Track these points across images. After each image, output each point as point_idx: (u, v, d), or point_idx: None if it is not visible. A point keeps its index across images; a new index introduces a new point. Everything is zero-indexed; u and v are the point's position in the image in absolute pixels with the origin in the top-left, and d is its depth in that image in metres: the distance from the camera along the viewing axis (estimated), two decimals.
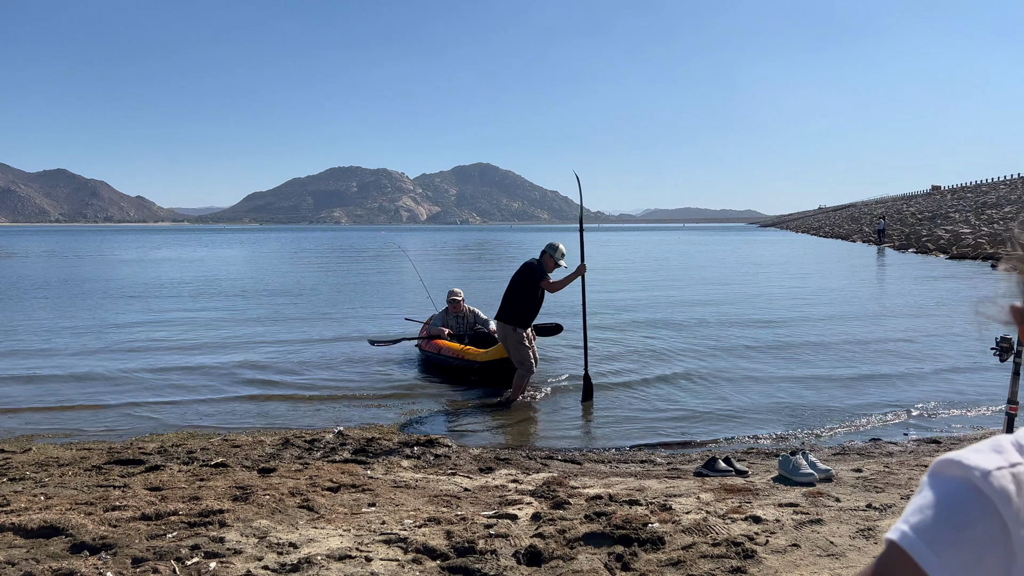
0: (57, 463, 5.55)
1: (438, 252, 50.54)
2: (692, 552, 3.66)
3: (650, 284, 23.39)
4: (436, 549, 3.73)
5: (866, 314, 14.81)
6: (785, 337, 11.97)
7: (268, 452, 5.98)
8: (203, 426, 7.12)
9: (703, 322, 13.94)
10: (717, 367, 9.69)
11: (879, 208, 78.76)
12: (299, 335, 12.75)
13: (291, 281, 25.34)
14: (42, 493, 4.74)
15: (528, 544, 3.78)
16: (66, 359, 10.50)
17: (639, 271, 29.56)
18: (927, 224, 45.86)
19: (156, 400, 8.16)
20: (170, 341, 12.10)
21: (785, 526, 4.01)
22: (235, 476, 5.17)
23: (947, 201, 60.11)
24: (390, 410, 7.74)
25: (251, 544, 3.80)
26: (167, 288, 22.35)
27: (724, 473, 5.19)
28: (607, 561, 3.60)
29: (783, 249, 49.65)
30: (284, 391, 8.61)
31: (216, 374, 9.50)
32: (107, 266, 34.89)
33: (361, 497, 4.65)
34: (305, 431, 6.72)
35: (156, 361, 10.35)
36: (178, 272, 29.98)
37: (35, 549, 3.71)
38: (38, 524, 3.96)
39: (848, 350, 10.73)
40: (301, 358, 10.57)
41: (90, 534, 3.84)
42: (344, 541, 3.85)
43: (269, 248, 61.71)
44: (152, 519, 4.14)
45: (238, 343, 11.91)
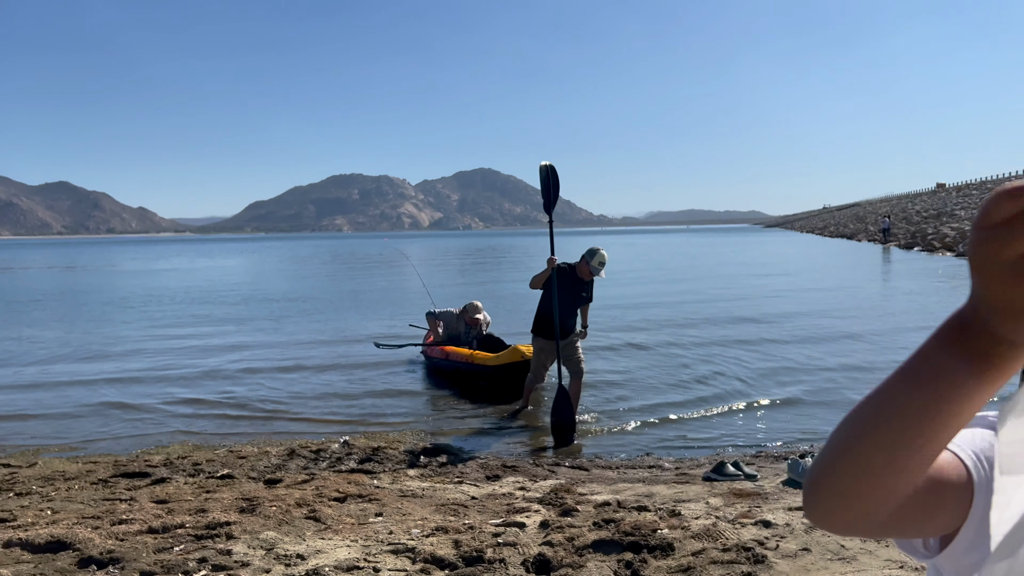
0: (63, 477, 5.54)
1: (441, 259, 50.57)
2: (702, 558, 3.63)
3: (655, 286, 23.34)
4: (444, 559, 3.71)
5: (876, 314, 14.76)
6: (792, 339, 11.92)
7: (274, 463, 5.97)
8: (209, 437, 7.10)
9: (709, 324, 13.90)
10: (724, 369, 9.65)
11: (884, 207, 78.59)
12: (303, 343, 12.74)
13: (295, 288, 25.36)
14: (49, 507, 4.73)
15: (537, 552, 3.76)
16: (69, 372, 10.51)
17: (645, 273, 29.53)
18: (932, 222, 45.72)
19: (161, 412, 8.15)
20: (173, 352, 12.10)
21: (795, 530, 3.98)
22: (241, 488, 5.15)
23: (952, 199, 59.94)
24: (395, 419, 7.71)
25: (258, 556, 3.78)
26: (170, 299, 22.38)
27: (733, 477, 5.16)
28: (617, 568, 3.58)
29: (789, 250, 49.57)
30: (289, 401, 8.59)
31: (220, 384, 9.49)
32: (109, 277, 34.97)
33: (368, 507, 4.63)
34: (311, 441, 6.70)
35: (160, 373, 10.35)
36: (181, 282, 30.04)
37: (43, 564, 3.70)
38: (45, 539, 3.95)
39: (857, 351, 10.68)
40: (306, 367, 10.56)
41: (97, 548, 3.83)
42: (351, 552, 3.83)
43: (272, 256, 61.82)
44: (159, 532, 4.13)
45: (241, 352, 11.90)
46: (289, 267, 44.34)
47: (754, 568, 3.51)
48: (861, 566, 3.50)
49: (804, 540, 3.83)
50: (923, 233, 40.84)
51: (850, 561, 3.56)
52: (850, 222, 74.94)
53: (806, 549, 3.71)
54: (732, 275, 27.87)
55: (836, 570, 3.47)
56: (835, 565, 3.53)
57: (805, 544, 3.77)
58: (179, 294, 24.20)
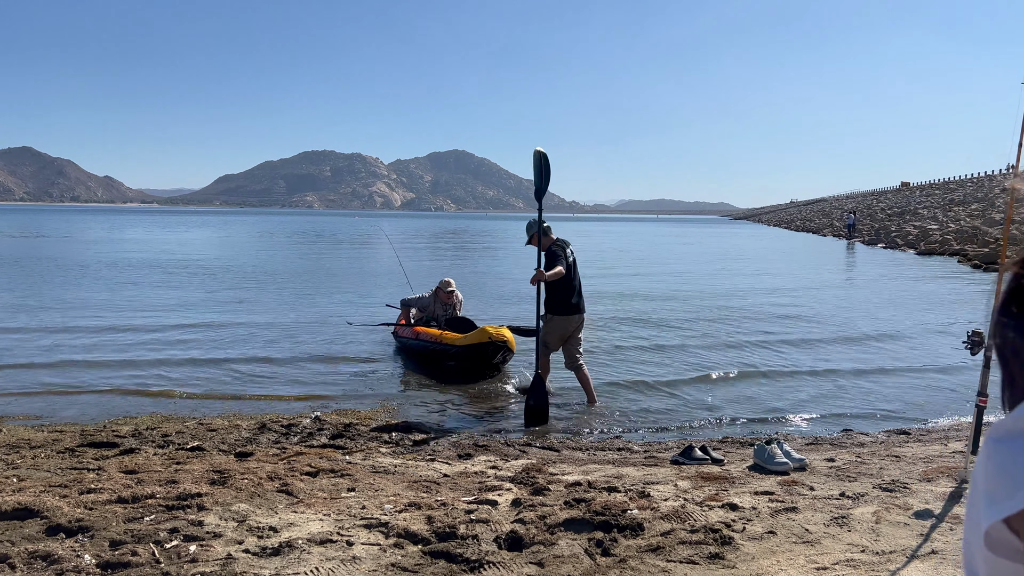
0: (29, 445, 5.47)
1: (415, 239, 50.32)
2: (671, 538, 3.71)
3: (631, 274, 23.50)
4: (418, 534, 3.74)
5: (839, 308, 15.04)
6: (759, 330, 12.11)
7: (244, 436, 5.94)
8: (178, 408, 7.04)
9: (677, 313, 14.06)
10: (692, 358, 9.78)
11: (850, 203, 79.82)
12: (274, 318, 12.65)
13: (266, 264, 25.08)
14: (14, 475, 4.67)
15: (509, 529, 3.81)
16: (34, 340, 10.31)
17: (617, 262, 29.72)
18: (896, 220, 46.59)
19: (129, 383, 8.05)
20: (141, 323, 11.93)
21: (761, 513, 4.08)
22: (212, 460, 5.13)
23: (916, 197, 61.08)
24: (367, 396, 7.71)
25: (231, 528, 3.78)
26: (137, 269, 22.01)
27: (700, 461, 5.26)
28: (587, 547, 3.64)
29: (757, 243, 50.17)
30: (260, 375, 8.54)
31: (190, 356, 9.39)
32: (74, 246, 34.24)
33: (340, 482, 4.64)
34: (282, 416, 6.68)
35: (127, 343, 10.21)
36: (148, 253, 29.53)
37: (10, 531, 3.66)
38: (12, 506, 3.90)
39: (820, 343, 10.89)
40: (277, 342, 10.49)
41: (66, 516, 3.80)
42: (324, 525, 3.84)
43: (242, 231, 60.97)
44: (129, 502, 4.10)
45: (212, 325, 11.78)
46: (261, 241, 43.79)
47: (721, 549, 3.59)
48: (824, 549, 3.60)
49: (770, 523, 3.93)
50: (887, 230, 41.60)
51: (814, 544, 3.66)
52: (816, 217, 76.00)
53: (771, 532, 3.81)
54: (703, 269, 28.17)
55: (800, 552, 3.57)
56: (799, 548, 3.63)
57: (771, 527, 3.87)
58: (148, 265, 23.79)
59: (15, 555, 3.36)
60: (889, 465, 5.14)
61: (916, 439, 6.17)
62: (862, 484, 4.65)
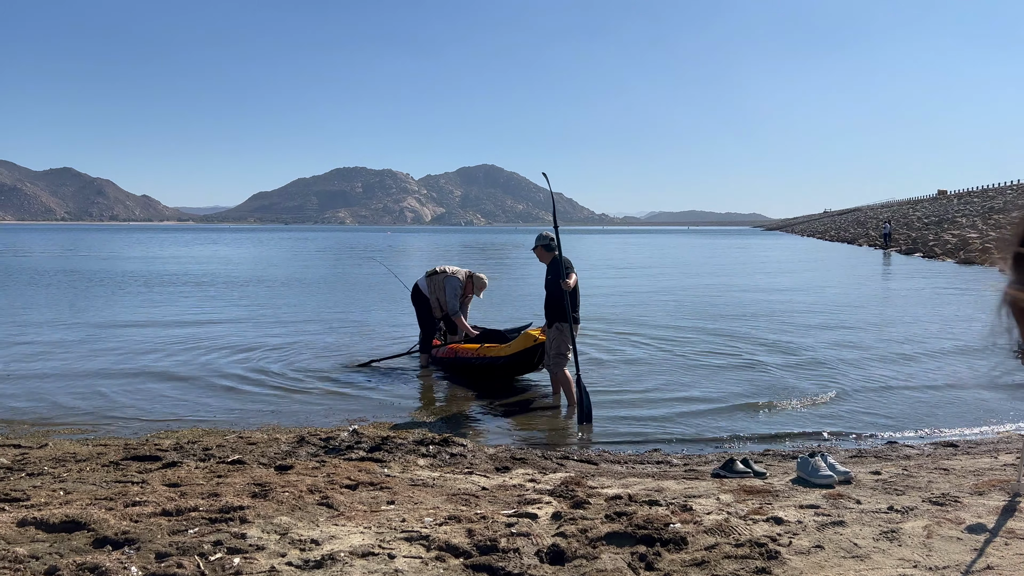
0: (74, 459, 5.56)
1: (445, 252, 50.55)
2: (716, 552, 3.64)
3: (661, 283, 23.35)
4: (459, 547, 3.72)
5: (879, 321, 14.77)
6: (801, 341, 11.93)
7: (284, 450, 5.98)
8: (217, 423, 7.12)
9: (718, 324, 13.91)
10: (733, 370, 9.66)
11: (885, 212, 78.60)
12: (311, 333, 12.76)
13: (303, 278, 25.35)
14: (61, 488, 4.74)
15: (551, 543, 3.77)
16: (77, 355, 10.52)
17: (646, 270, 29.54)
18: (934, 228, 45.72)
19: (170, 397, 8.17)
20: (181, 338, 12.11)
21: (807, 527, 4.00)
22: (252, 473, 5.17)
23: (953, 205, 59.94)
24: (403, 409, 7.73)
25: (273, 540, 3.80)
26: (177, 285, 22.39)
27: (742, 475, 5.17)
28: (631, 561, 3.59)
29: (791, 254, 49.57)
30: (297, 389, 8.60)
31: (228, 371, 9.51)
32: (116, 263, 34.96)
33: (379, 495, 4.65)
34: (320, 429, 6.72)
35: (167, 358, 10.36)
36: (188, 269, 30.03)
37: (58, 543, 3.71)
38: (60, 519, 3.96)
39: (863, 356, 10.69)
40: (314, 356, 10.58)
41: (112, 529, 3.85)
42: (366, 538, 3.84)
43: (277, 247, 61.79)
44: (173, 515, 4.14)
45: (250, 340, 11.92)
46: (298, 259, 44.32)
47: (768, 564, 3.52)
48: (875, 564, 3.51)
49: (817, 537, 3.84)
50: (924, 239, 40.84)
51: (863, 559, 3.57)
52: (851, 227, 74.94)
53: (819, 546, 3.72)
54: (740, 278, 27.89)
55: (850, 567, 3.48)
56: (848, 562, 3.54)
57: (818, 541, 3.78)
58: (188, 280, 24.19)
59: (64, 567, 3.40)
60: (938, 478, 5.01)
61: (964, 451, 6.01)
62: (911, 497, 4.53)
